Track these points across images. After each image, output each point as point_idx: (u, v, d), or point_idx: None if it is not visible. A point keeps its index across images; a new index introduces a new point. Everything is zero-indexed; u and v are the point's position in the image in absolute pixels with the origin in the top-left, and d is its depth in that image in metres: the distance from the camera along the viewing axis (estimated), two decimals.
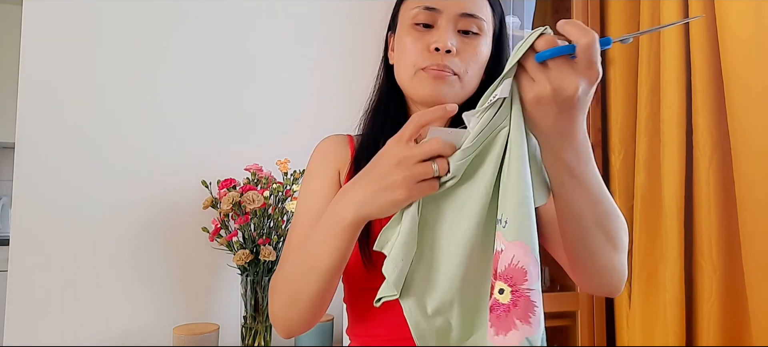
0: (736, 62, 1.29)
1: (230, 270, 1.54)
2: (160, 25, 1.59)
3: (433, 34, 0.77)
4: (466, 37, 0.78)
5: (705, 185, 1.36)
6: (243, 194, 1.41)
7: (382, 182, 0.61)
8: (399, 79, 0.83)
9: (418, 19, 0.78)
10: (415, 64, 0.78)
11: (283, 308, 0.72)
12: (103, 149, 1.50)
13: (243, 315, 1.45)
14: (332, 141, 0.89)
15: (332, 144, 0.88)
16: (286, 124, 1.71)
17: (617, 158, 1.66)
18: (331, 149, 0.87)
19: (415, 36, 0.79)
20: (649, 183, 1.53)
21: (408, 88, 0.81)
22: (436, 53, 0.76)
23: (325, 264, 0.67)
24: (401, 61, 0.81)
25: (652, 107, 1.53)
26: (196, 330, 1.39)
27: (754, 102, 1.26)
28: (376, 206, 0.61)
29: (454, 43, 0.76)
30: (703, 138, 1.37)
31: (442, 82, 0.77)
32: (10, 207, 1.59)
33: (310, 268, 0.68)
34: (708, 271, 1.35)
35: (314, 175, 0.85)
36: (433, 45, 0.76)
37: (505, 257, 0.55)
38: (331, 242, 0.65)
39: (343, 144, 0.88)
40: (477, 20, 0.78)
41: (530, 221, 0.56)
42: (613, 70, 1.70)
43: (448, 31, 0.77)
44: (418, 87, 0.78)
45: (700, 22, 1.39)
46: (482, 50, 0.80)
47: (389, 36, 0.89)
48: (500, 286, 0.55)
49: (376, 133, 0.85)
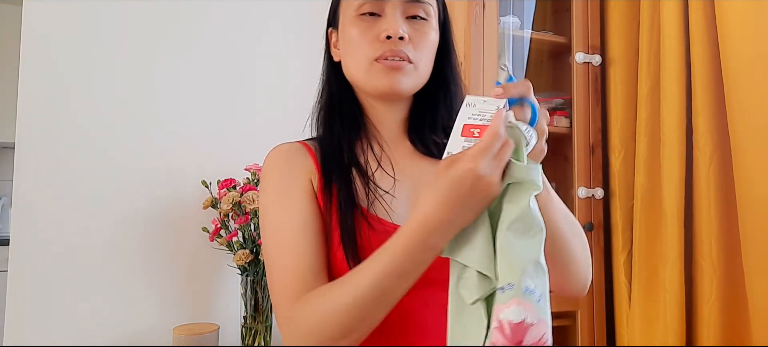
0: (736, 62, 1.29)
1: (230, 270, 1.54)
2: (160, 25, 1.59)
3: (382, 22, 0.75)
4: (414, 23, 0.76)
5: (705, 186, 1.36)
6: (243, 194, 1.41)
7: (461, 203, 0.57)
8: (350, 74, 0.80)
9: (363, 8, 0.75)
10: (367, 55, 0.75)
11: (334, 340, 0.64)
12: (103, 149, 1.50)
13: (243, 315, 1.45)
14: (289, 150, 0.81)
15: (291, 153, 0.81)
16: (287, 123, 1.71)
17: (617, 158, 1.66)
18: (294, 158, 0.79)
19: (363, 26, 0.75)
20: (649, 183, 1.53)
21: (362, 82, 0.78)
22: (387, 41, 0.74)
23: (403, 291, 0.62)
24: (351, 55, 0.78)
25: (652, 108, 1.53)
26: (196, 330, 1.39)
27: (754, 102, 1.26)
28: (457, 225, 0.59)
29: (405, 30, 0.74)
30: (703, 138, 1.38)
31: (399, 72, 0.75)
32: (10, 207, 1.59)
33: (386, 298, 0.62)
34: (708, 271, 1.35)
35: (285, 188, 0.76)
36: (383, 33, 0.74)
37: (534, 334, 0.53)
38: (417, 272, 0.61)
39: (301, 153, 0.80)
40: (423, 5, 0.77)
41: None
42: (613, 71, 1.70)
43: (396, 18, 0.74)
44: (373, 80, 0.75)
45: (700, 22, 1.39)
46: (432, 35, 0.78)
47: (330, 32, 0.85)
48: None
49: (337, 136, 0.81)
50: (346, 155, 0.79)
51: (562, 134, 1.75)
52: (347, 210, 0.73)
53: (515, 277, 0.54)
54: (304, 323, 0.65)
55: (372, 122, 0.84)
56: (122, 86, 1.54)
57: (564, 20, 1.82)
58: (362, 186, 0.76)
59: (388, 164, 0.80)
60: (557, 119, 1.76)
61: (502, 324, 0.53)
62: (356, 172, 0.78)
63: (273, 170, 0.80)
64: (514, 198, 0.57)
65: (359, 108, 0.83)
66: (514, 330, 0.53)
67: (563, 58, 1.86)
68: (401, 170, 0.80)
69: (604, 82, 1.74)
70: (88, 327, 1.45)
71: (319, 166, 0.78)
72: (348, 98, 0.83)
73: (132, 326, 1.50)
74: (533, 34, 1.79)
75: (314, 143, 0.83)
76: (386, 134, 0.83)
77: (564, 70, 1.85)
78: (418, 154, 0.83)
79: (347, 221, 0.73)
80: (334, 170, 0.77)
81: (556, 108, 1.80)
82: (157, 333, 1.51)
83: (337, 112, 0.83)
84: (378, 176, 0.78)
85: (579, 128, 1.69)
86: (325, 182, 0.76)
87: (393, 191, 0.77)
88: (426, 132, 0.83)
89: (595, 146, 1.70)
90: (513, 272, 0.55)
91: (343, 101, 0.83)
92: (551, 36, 1.81)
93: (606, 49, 1.73)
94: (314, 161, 0.79)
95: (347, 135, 0.81)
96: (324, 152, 0.80)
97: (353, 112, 0.82)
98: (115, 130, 1.52)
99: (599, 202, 1.68)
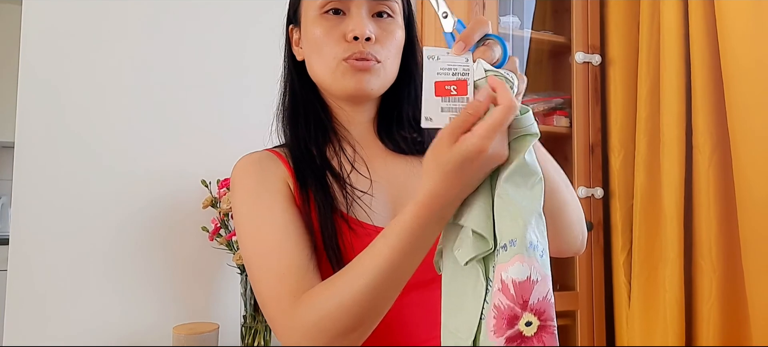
0: (735, 63, 1.29)
1: (230, 270, 1.54)
2: (160, 25, 1.59)
3: (348, 21, 0.72)
4: (380, 21, 0.74)
5: (705, 186, 1.36)
6: None
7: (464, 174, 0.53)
8: (315, 75, 0.76)
9: (327, 6, 0.72)
10: (334, 55, 0.72)
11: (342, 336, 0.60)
12: (103, 149, 1.50)
13: (243, 315, 1.45)
14: (260, 158, 0.78)
15: (263, 161, 0.77)
16: None
17: (617, 158, 1.66)
18: (266, 167, 0.76)
19: (327, 25, 0.72)
20: (649, 183, 1.53)
21: (329, 83, 0.74)
22: (354, 42, 0.71)
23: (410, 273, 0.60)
24: (315, 55, 0.75)
25: (652, 108, 1.53)
26: (196, 329, 1.39)
27: (753, 102, 1.26)
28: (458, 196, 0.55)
29: (372, 30, 0.72)
30: (702, 138, 1.38)
31: (367, 73, 0.72)
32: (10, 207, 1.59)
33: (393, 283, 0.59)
34: (708, 271, 1.36)
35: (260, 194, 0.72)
36: (350, 33, 0.71)
37: (540, 290, 0.50)
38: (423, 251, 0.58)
39: (271, 159, 0.77)
40: (389, 2, 0.74)
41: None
42: (613, 71, 1.70)
43: (362, 17, 0.72)
44: (341, 80, 0.72)
45: (699, 22, 1.39)
46: (398, 33, 0.76)
47: (291, 29, 0.82)
48: (528, 318, 0.50)
49: (304, 140, 0.78)
50: (317, 159, 0.76)
51: (562, 133, 1.75)
52: (327, 215, 0.71)
53: (517, 232, 0.51)
54: (311, 321, 0.61)
55: (340, 123, 0.81)
56: (122, 86, 1.54)
57: (564, 20, 1.82)
58: (339, 190, 0.74)
59: (362, 165, 0.78)
60: (557, 119, 1.76)
61: (506, 283, 0.50)
62: (331, 176, 0.75)
63: (245, 178, 0.76)
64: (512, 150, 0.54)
65: (325, 109, 0.80)
66: (519, 289, 0.50)
67: (563, 58, 1.86)
68: (375, 170, 0.78)
69: (604, 82, 1.74)
70: (88, 327, 1.45)
71: (293, 172, 0.75)
72: (313, 98, 0.80)
73: (132, 326, 1.50)
74: (533, 34, 1.79)
75: (284, 150, 0.80)
76: (356, 135, 0.81)
77: (564, 70, 1.85)
78: (390, 153, 0.81)
79: (328, 225, 0.70)
80: (309, 175, 0.74)
81: (556, 108, 1.80)
82: (157, 333, 1.51)
83: (301, 114, 0.80)
84: (354, 178, 0.76)
85: (579, 128, 1.69)
86: (301, 188, 0.73)
87: (370, 191, 0.75)
88: (394, 130, 0.81)
89: (594, 146, 1.70)
90: (515, 227, 0.51)
91: (307, 102, 0.80)
92: (551, 36, 1.81)
93: (606, 49, 1.73)
94: (287, 168, 0.76)
95: (315, 138, 0.78)
96: (295, 157, 0.77)
97: (319, 113, 0.79)
98: (115, 129, 1.52)
99: (599, 202, 1.68)
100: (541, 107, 1.80)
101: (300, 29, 0.79)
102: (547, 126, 1.76)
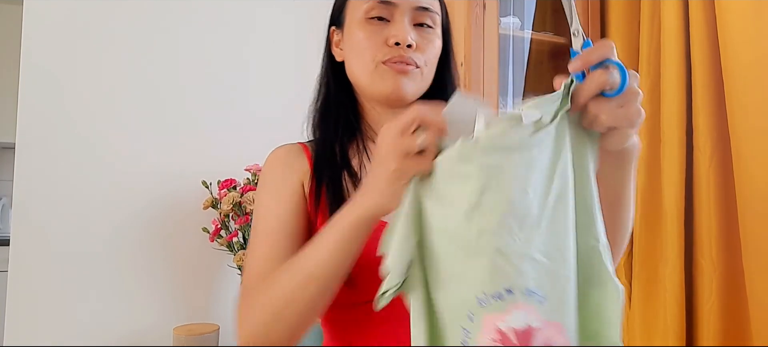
0: (736, 63, 1.29)
1: (230, 270, 1.54)
2: (159, 25, 1.59)
3: (391, 27, 0.75)
4: (421, 30, 0.77)
5: (705, 185, 1.36)
6: (243, 194, 1.41)
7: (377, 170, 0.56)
8: (353, 75, 0.79)
9: (372, 13, 0.75)
10: (374, 57, 0.75)
11: (265, 325, 0.64)
12: (103, 150, 1.50)
13: None
14: (287, 151, 0.82)
15: (289, 154, 0.81)
16: (287, 124, 1.71)
17: None
18: (290, 160, 0.80)
19: (371, 30, 0.75)
20: (649, 183, 1.53)
21: (366, 84, 0.77)
22: (395, 47, 0.74)
23: (325, 269, 0.61)
24: (356, 57, 0.77)
25: (653, 107, 1.53)
26: (196, 330, 1.39)
27: (754, 102, 1.26)
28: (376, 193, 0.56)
29: (414, 37, 0.75)
30: (703, 138, 1.37)
31: (405, 75, 0.75)
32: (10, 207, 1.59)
33: (307, 276, 0.62)
34: (708, 271, 1.35)
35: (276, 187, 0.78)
36: (392, 39, 0.74)
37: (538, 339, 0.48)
38: (334, 245, 0.60)
39: (299, 154, 0.81)
40: (431, 13, 0.77)
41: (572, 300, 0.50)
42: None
43: (405, 24, 0.75)
44: (380, 81, 0.75)
45: (700, 22, 1.39)
46: (437, 43, 0.79)
47: (332, 31, 0.84)
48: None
49: (330, 138, 0.81)
50: (338, 157, 0.79)
51: None
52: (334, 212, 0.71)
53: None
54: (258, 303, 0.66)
55: (369, 124, 0.83)
56: (122, 86, 1.54)
57: (564, 20, 1.82)
58: (353, 190, 0.76)
59: None
60: None
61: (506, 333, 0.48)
62: (347, 174, 0.78)
63: (268, 172, 0.81)
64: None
65: (356, 110, 0.83)
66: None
67: (563, 58, 1.86)
68: None
69: None
70: (88, 327, 1.45)
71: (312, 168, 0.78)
72: (346, 99, 0.82)
73: (132, 326, 1.50)
74: (533, 34, 1.79)
75: (312, 145, 0.83)
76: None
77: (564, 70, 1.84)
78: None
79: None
80: (326, 172, 0.77)
81: None
82: (157, 333, 1.51)
83: (333, 112, 0.82)
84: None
85: None
86: (317, 185, 0.76)
87: None
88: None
89: None
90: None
91: (340, 102, 0.82)
92: (551, 36, 1.81)
93: None
94: (309, 163, 0.79)
95: (341, 137, 0.81)
96: (317, 154, 0.80)
97: (349, 114, 0.82)
98: (115, 130, 1.52)
99: None
100: None
101: (342, 32, 0.81)
102: None
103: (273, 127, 1.69)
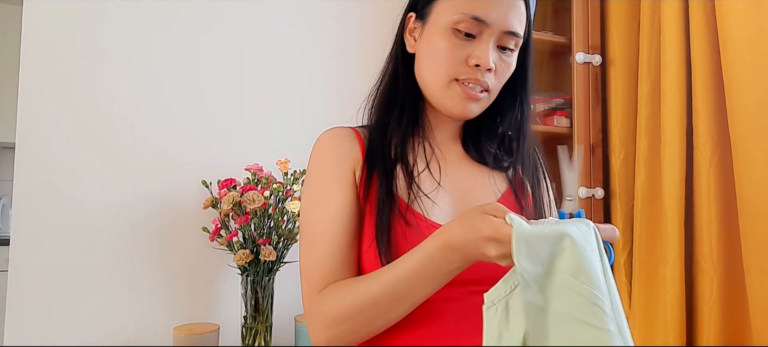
0: (736, 63, 1.29)
1: (230, 270, 1.54)
2: (159, 25, 1.59)
3: (475, 47, 0.73)
4: (503, 53, 0.76)
5: (705, 186, 1.36)
6: (243, 194, 1.41)
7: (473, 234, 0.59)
8: (422, 78, 0.78)
9: (460, 26, 0.73)
10: (449, 73, 0.74)
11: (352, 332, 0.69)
12: (103, 149, 1.50)
13: (243, 315, 1.45)
14: (340, 136, 0.80)
15: (342, 140, 0.79)
16: (287, 123, 1.71)
17: (617, 158, 1.66)
18: (343, 146, 0.78)
19: (454, 43, 0.73)
20: (649, 183, 1.53)
21: (434, 94, 0.77)
22: (474, 68, 0.73)
23: (420, 298, 0.66)
24: (431, 63, 0.76)
25: (653, 108, 1.53)
26: (196, 330, 1.38)
27: (754, 102, 1.26)
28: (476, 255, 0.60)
29: (494, 60, 0.73)
30: (703, 138, 1.37)
31: (475, 102, 0.75)
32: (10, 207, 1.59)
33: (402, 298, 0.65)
34: (708, 271, 1.35)
35: (330, 176, 0.76)
36: (473, 60, 0.73)
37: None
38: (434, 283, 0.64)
39: (351, 140, 0.79)
40: (517, 38, 0.76)
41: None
42: (613, 71, 1.70)
43: (490, 46, 0.73)
44: (448, 100, 0.75)
45: (700, 22, 1.39)
46: (513, 66, 0.78)
47: (409, 17, 0.81)
48: None
49: (386, 126, 0.79)
50: (394, 150, 0.78)
51: (563, 134, 1.75)
52: (385, 206, 0.73)
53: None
54: (326, 312, 0.69)
55: (429, 123, 0.82)
56: (122, 86, 1.54)
57: (564, 20, 1.82)
58: (405, 185, 0.75)
59: (436, 167, 0.79)
60: (558, 119, 1.76)
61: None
62: (402, 169, 0.77)
63: (318, 156, 0.79)
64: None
65: (419, 106, 0.82)
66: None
67: (563, 58, 1.86)
68: (448, 173, 0.80)
69: (604, 83, 1.74)
70: (88, 327, 1.45)
71: (365, 155, 0.78)
72: (411, 92, 0.81)
73: (132, 326, 1.49)
74: (534, 34, 1.79)
75: (365, 132, 0.81)
76: (439, 137, 0.83)
77: (564, 70, 1.85)
78: (467, 159, 0.83)
79: (384, 217, 0.72)
80: (379, 163, 0.76)
81: (557, 108, 1.80)
82: (157, 333, 1.51)
83: (396, 103, 0.80)
84: (423, 177, 0.77)
85: (579, 128, 1.69)
86: (368, 174, 0.76)
87: (434, 195, 0.76)
88: (483, 141, 0.84)
89: (595, 146, 1.70)
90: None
91: (406, 93, 0.81)
92: (551, 36, 1.81)
93: (606, 49, 1.73)
94: (362, 151, 0.78)
95: (400, 129, 0.79)
96: (372, 141, 0.79)
97: (412, 108, 0.81)
98: (115, 130, 1.52)
99: (599, 202, 1.68)
100: (541, 107, 1.80)
101: (422, 26, 0.78)
102: (547, 126, 1.76)
103: (273, 127, 1.70)
